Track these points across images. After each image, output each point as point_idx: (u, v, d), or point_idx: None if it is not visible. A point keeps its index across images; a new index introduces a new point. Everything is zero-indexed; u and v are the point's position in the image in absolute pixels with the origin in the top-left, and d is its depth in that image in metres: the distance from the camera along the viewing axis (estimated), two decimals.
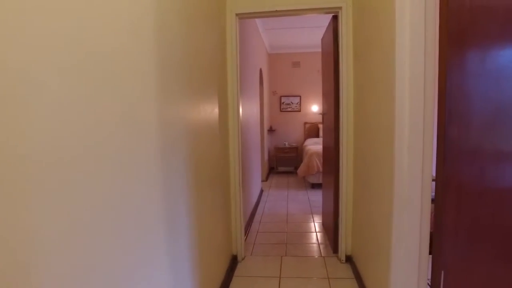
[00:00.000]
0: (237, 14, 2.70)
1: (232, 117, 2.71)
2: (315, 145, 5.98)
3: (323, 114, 3.35)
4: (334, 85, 2.74)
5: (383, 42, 1.86)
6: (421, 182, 1.72)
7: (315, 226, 3.67)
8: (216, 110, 2.25)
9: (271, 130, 7.38)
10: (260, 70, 5.75)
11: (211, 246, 2.09)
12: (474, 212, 1.73)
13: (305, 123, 7.43)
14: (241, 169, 2.74)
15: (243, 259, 2.82)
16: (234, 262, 2.74)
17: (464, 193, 1.68)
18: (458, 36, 1.63)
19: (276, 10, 2.67)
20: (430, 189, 1.74)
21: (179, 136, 1.48)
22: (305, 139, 7.27)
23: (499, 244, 1.82)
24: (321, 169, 4.98)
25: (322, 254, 2.88)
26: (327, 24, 3.07)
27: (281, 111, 7.54)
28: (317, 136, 6.97)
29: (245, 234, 3.27)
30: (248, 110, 3.90)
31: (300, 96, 7.44)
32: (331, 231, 2.92)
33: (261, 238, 3.32)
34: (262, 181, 6.07)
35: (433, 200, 1.78)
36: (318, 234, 3.39)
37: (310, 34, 5.87)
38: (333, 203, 2.84)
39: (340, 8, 2.59)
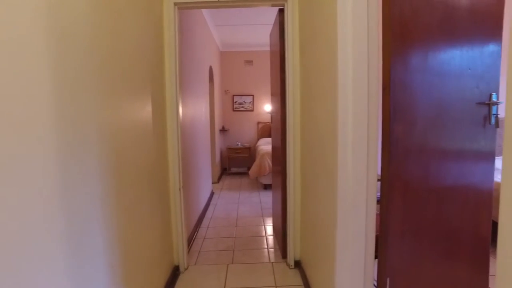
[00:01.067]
0: (175, 4, 2.46)
1: (171, 116, 2.47)
2: (267, 145, 5.88)
3: (272, 113, 3.22)
4: (280, 83, 2.61)
5: (326, 37, 1.75)
6: (366, 183, 1.62)
7: (266, 229, 3.54)
8: (149, 108, 2.01)
9: (223, 130, 7.18)
10: (210, 68, 5.53)
11: (144, 259, 1.85)
12: (419, 213, 1.67)
13: (258, 122, 7.33)
14: (181, 172, 2.51)
15: (186, 269, 2.60)
16: (175, 273, 2.50)
17: (410, 193, 1.61)
18: (401, 30, 1.55)
19: (219, 0, 2.49)
20: (375, 189, 1.66)
21: (89, 137, 1.24)
22: (258, 139, 7.17)
23: (443, 246, 1.79)
24: None
25: (270, 260, 2.74)
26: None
27: (233, 110, 7.36)
28: (270, 136, 6.87)
29: (190, 242, 3.04)
30: (194, 108, 3.67)
31: (253, 96, 7.32)
32: (280, 234, 2.79)
33: (208, 244, 3.11)
34: (214, 183, 5.85)
35: (378, 201, 1.70)
36: (268, 238, 3.26)
37: (262, 32, 5.75)
38: (281, 205, 2.72)
39: (286, 0, 2.46)
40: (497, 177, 2.22)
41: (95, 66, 1.29)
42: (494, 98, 1.69)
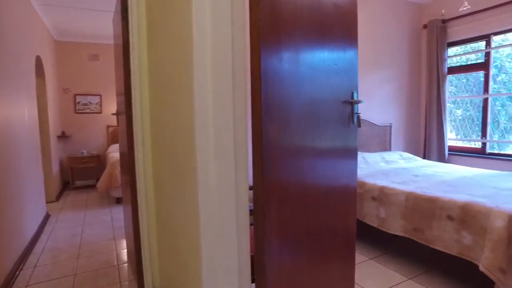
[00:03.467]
0: None
1: None
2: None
3: (117, 114, 2.64)
4: (124, 77, 2.09)
5: (179, 15, 1.38)
6: (235, 195, 1.33)
7: (118, 256, 2.90)
8: None
9: (63, 136, 5.91)
10: (38, 59, 4.39)
11: None
12: (297, 223, 1.47)
13: (108, 126, 6.35)
14: None
15: None
16: None
17: (287, 201, 1.37)
18: (272, 9, 1.30)
19: None
20: (247, 202, 1.38)
21: None
22: (108, 146, 6.21)
23: (321, 252, 1.66)
24: None
25: None
26: None
27: (76, 112, 6.16)
28: None
29: None
30: (9, 108, 2.71)
31: (100, 95, 6.29)
32: (135, 262, 2.27)
33: None
34: (51, 202, 4.71)
35: (251, 212, 1.44)
36: (122, 268, 2.65)
37: (110, 22, 4.94)
38: (132, 224, 2.20)
39: None
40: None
41: None
42: (355, 97, 1.66)
